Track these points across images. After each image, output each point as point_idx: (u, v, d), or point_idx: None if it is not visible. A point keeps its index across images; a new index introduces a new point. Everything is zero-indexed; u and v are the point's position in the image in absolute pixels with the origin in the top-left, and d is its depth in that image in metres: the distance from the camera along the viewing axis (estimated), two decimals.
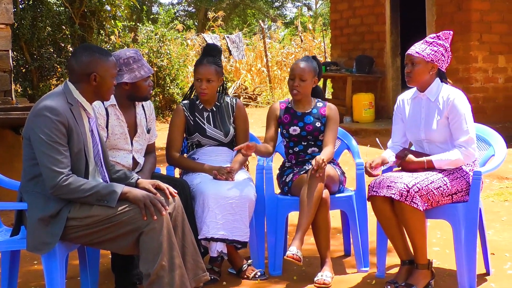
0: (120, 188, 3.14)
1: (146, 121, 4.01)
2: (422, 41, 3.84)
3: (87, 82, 3.21)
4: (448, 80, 3.90)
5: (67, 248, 3.29)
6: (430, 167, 3.73)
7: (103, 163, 3.35)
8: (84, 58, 3.19)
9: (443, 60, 3.79)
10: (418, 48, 3.81)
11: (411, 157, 3.77)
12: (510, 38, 9.60)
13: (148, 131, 4.01)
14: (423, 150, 3.87)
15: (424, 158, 3.75)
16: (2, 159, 5.72)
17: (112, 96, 3.76)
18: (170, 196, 3.27)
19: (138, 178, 3.37)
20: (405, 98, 4.03)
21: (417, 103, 3.91)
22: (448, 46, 3.83)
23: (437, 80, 3.84)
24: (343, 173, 4.22)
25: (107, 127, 3.80)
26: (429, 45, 3.79)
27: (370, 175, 3.84)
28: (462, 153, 3.71)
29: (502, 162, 3.91)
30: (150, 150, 4.08)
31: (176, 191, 3.35)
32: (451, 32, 3.87)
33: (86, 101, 3.25)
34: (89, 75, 3.19)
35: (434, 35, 3.84)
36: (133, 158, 3.91)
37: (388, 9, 10.77)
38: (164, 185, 3.30)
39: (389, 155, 3.95)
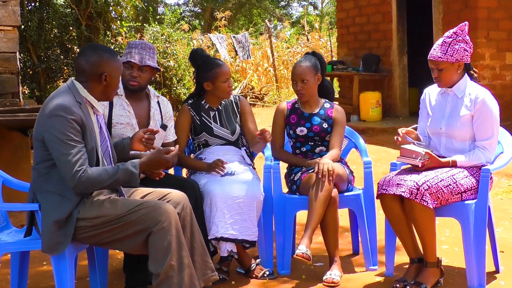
0: (136, 166, 3.19)
1: (162, 118, 4.01)
2: (441, 43, 3.75)
3: (97, 82, 3.23)
4: (474, 69, 3.87)
5: (76, 249, 3.30)
6: (453, 166, 3.74)
7: (112, 159, 3.38)
8: (94, 58, 3.21)
9: (467, 55, 3.75)
10: (440, 52, 3.73)
11: (437, 158, 3.73)
12: None
13: (164, 128, 4.02)
14: (439, 143, 3.85)
15: (450, 159, 3.74)
16: (10, 160, 5.74)
17: (121, 86, 3.81)
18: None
19: (129, 137, 3.53)
20: (432, 91, 4.00)
21: (444, 97, 3.89)
22: (468, 38, 3.76)
23: (465, 76, 3.82)
24: (351, 172, 4.22)
25: (110, 115, 3.81)
26: (449, 46, 3.72)
27: (400, 141, 3.81)
28: (484, 155, 3.72)
29: (510, 159, 3.90)
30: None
31: (159, 130, 3.55)
32: (466, 23, 3.80)
33: (94, 99, 3.26)
34: (100, 75, 3.21)
35: (451, 32, 3.76)
36: None
37: (395, 7, 10.74)
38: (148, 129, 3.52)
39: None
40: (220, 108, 4.30)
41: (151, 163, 3.29)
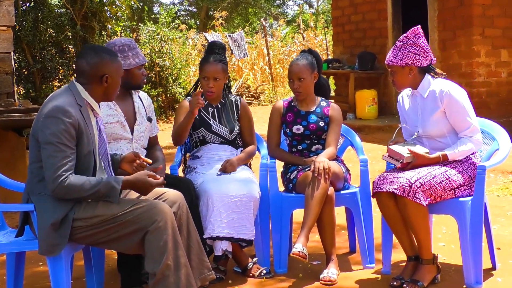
0: (119, 182, 3.13)
1: (145, 111, 4.02)
2: (393, 47, 3.82)
3: (98, 83, 3.22)
4: (437, 71, 3.87)
5: (73, 249, 3.29)
6: (444, 160, 3.73)
7: (110, 162, 3.37)
8: (95, 60, 3.20)
9: (418, 59, 3.76)
10: (391, 57, 3.80)
11: (425, 156, 3.71)
12: None
13: (150, 120, 4.02)
14: (423, 145, 3.86)
15: (439, 153, 3.73)
16: (5, 160, 5.72)
17: None
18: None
19: (121, 154, 3.47)
20: (404, 96, 4.03)
21: (414, 100, 3.92)
22: (422, 41, 3.78)
23: (426, 76, 3.83)
24: (347, 170, 4.22)
25: None
26: (399, 50, 3.78)
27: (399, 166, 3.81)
28: (471, 141, 3.72)
29: (506, 156, 3.90)
30: (154, 142, 4.10)
31: (151, 161, 3.49)
32: (418, 26, 3.82)
33: (94, 101, 3.25)
34: (101, 77, 3.21)
35: (403, 36, 3.81)
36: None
37: (390, 5, 10.75)
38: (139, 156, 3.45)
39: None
40: (220, 106, 4.30)
41: (135, 182, 3.19)
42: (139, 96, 4.03)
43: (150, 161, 3.50)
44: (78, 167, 3.13)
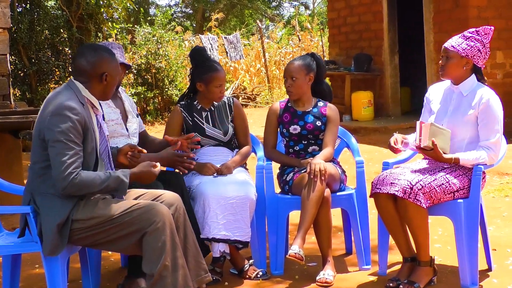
0: (127, 176, 3.18)
1: (131, 108, 4.10)
2: (460, 35, 3.79)
3: (98, 81, 3.24)
4: (484, 77, 3.86)
5: (69, 251, 3.29)
6: (455, 163, 3.72)
7: (110, 158, 3.38)
8: (95, 58, 3.21)
9: (479, 56, 3.75)
10: (454, 42, 3.77)
11: (440, 153, 3.68)
12: (508, 33, 9.57)
13: (138, 116, 4.12)
14: None
15: (452, 156, 3.70)
16: (1, 163, 5.71)
17: None
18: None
19: (116, 146, 3.52)
20: (437, 88, 4.00)
21: (448, 94, 3.88)
22: (487, 42, 3.77)
23: (473, 76, 3.81)
24: (343, 171, 4.22)
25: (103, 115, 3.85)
26: (466, 40, 3.75)
27: (394, 150, 3.82)
28: (489, 155, 3.70)
29: (502, 157, 3.91)
30: (146, 134, 4.19)
31: (145, 151, 3.56)
32: (492, 28, 3.80)
33: (94, 98, 3.26)
34: (101, 75, 3.22)
35: (474, 29, 3.79)
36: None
37: (386, 7, 10.76)
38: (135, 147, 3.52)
39: (411, 137, 3.93)
40: (213, 109, 4.30)
41: (140, 174, 3.27)
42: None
43: (145, 151, 3.56)
44: (82, 164, 3.13)
